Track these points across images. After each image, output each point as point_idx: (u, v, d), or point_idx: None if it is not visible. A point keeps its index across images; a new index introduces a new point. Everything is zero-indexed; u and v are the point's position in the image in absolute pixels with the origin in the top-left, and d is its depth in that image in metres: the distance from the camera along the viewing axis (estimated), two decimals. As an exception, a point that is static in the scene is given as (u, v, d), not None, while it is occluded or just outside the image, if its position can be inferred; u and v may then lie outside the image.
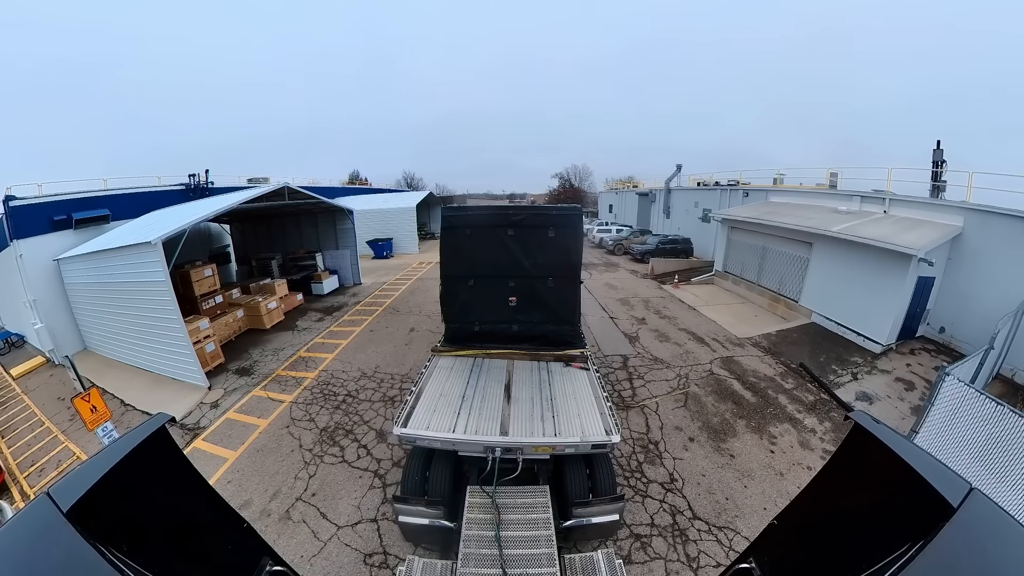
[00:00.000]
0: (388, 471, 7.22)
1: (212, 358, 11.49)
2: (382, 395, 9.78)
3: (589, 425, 5.52)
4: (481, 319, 7.76)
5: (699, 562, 5.50)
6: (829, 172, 19.65)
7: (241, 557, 3.17)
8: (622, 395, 9.62)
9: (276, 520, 6.27)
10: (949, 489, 1.83)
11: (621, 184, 48.51)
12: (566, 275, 7.53)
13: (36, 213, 12.97)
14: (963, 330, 11.75)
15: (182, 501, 2.94)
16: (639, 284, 20.53)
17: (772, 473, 7.13)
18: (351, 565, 5.51)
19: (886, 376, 10.67)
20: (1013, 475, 5.49)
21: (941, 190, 14.50)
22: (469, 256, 7.57)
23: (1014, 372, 10.21)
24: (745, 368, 11.02)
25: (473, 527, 4.73)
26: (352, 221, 20.29)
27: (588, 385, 6.56)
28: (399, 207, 32.39)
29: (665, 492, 6.71)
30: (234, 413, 9.35)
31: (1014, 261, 10.58)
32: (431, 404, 6.01)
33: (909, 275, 11.28)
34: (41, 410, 10.14)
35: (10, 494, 7.38)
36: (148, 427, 2.52)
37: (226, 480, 7.16)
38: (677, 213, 30.69)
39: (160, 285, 10.22)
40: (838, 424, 8.44)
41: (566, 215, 7.49)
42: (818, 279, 14.31)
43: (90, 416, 6.38)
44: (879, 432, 2.33)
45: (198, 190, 20.02)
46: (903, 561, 1.68)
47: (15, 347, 14.65)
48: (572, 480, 5.44)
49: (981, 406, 5.95)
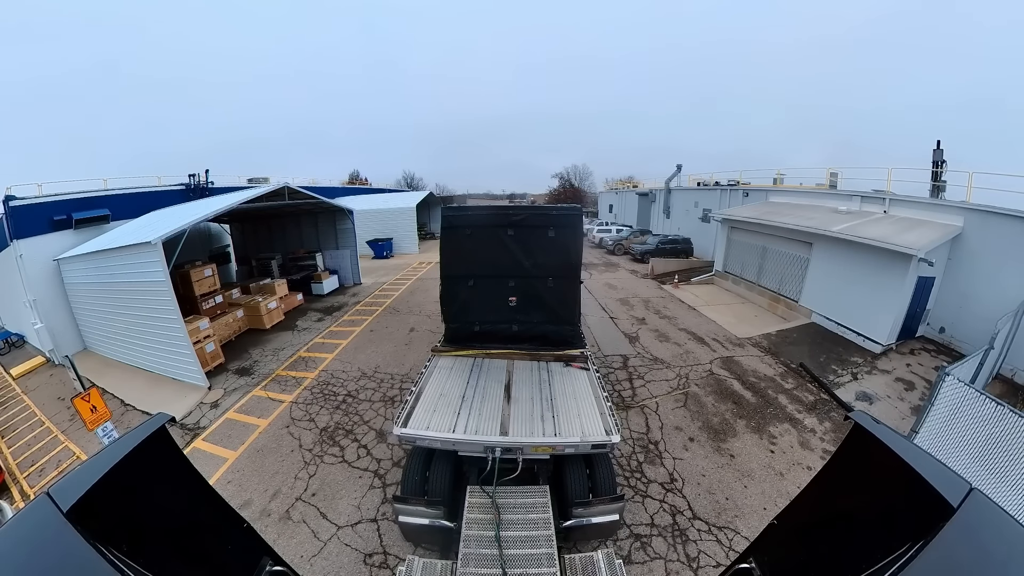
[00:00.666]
0: (388, 471, 7.22)
1: (212, 358, 11.49)
2: (382, 395, 9.78)
3: (589, 425, 5.52)
4: (481, 319, 7.76)
5: (699, 562, 5.50)
6: (829, 172, 19.65)
7: (241, 557, 3.17)
8: (622, 395, 9.62)
9: (276, 520, 6.27)
10: (949, 489, 1.82)
11: (621, 184, 48.52)
12: (566, 275, 7.54)
13: (36, 213, 12.98)
14: (963, 330, 11.75)
15: (182, 501, 2.93)
16: (639, 284, 20.53)
17: (772, 473, 7.13)
18: (351, 565, 5.51)
19: (886, 376, 10.67)
20: (1013, 475, 5.49)
21: (941, 190, 14.49)
22: (469, 256, 7.57)
23: (1014, 372, 10.21)
24: (745, 368, 11.02)
25: (473, 527, 4.73)
26: (352, 221, 20.30)
27: (588, 385, 6.56)
28: (399, 207, 32.38)
29: (665, 492, 6.71)
30: (234, 413, 9.35)
31: (1014, 261, 10.57)
32: (431, 404, 6.01)
33: (909, 275, 11.27)
34: (41, 410, 10.14)
35: (10, 494, 7.38)
36: (148, 427, 2.52)
37: (226, 480, 7.17)
38: (677, 213, 30.70)
39: (160, 285, 10.22)
40: (838, 424, 8.44)
41: (566, 215, 7.49)
42: (818, 279, 14.31)
43: (90, 416, 6.38)
44: (879, 432, 2.33)
45: (198, 190, 20.03)
46: (903, 561, 1.68)
47: (15, 347, 14.66)
48: (572, 480, 5.44)
49: (981, 406, 5.94)
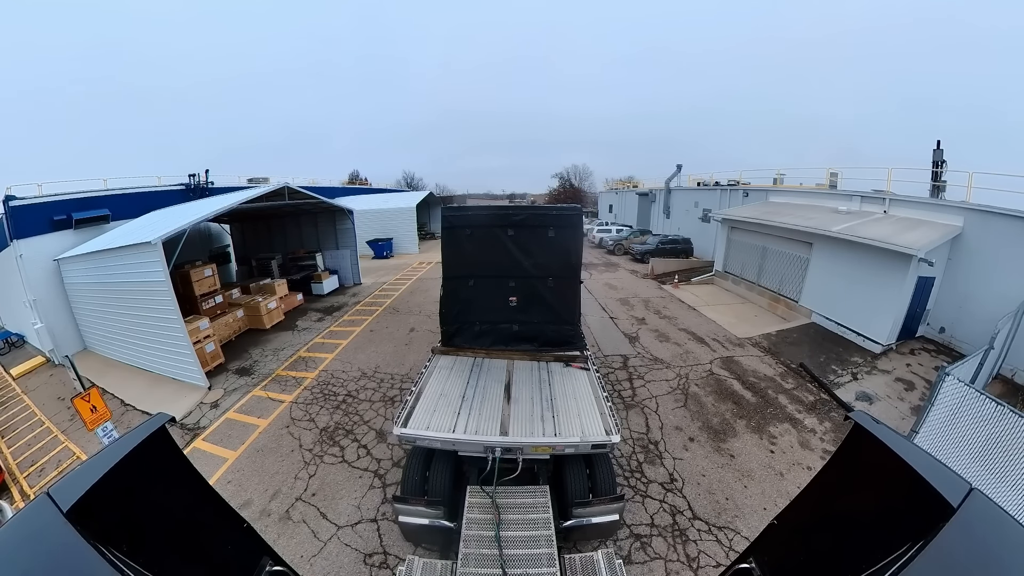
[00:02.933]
0: (388, 471, 7.21)
1: (212, 358, 11.49)
2: (382, 395, 9.78)
3: (589, 425, 5.51)
4: (481, 319, 7.75)
5: (699, 562, 5.50)
6: (829, 172, 19.63)
7: (241, 557, 3.17)
8: (622, 395, 9.62)
9: (276, 520, 6.27)
10: (949, 489, 1.82)
11: (621, 184, 48.50)
12: (566, 275, 7.53)
13: (36, 213, 12.97)
14: (963, 330, 11.74)
15: (182, 501, 2.93)
16: (639, 284, 20.53)
17: (772, 473, 7.13)
18: (351, 565, 5.51)
19: (886, 376, 10.67)
20: (1013, 475, 5.49)
21: (941, 190, 14.48)
22: (469, 256, 7.56)
23: (1014, 372, 10.21)
24: (745, 368, 11.02)
25: (473, 527, 4.73)
26: (352, 221, 20.29)
27: (588, 385, 6.56)
28: (399, 207, 32.37)
29: (665, 492, 6.71)
30: (234, 413, 9.34)
31: (1014, 261, 10.56)
32: (431, 404, 6.01)
33: (909, 275, 11.27)
34: (41, 410, 10.14)
35: (10, 494, 7.38)
36: (148, 427, 2.52)
37: (226, 480, 7.17)
38: (677, 213, 30.68)
39: (160, 285, 10.22)
40: (838, 424, 8.44)
41: (566, 215, 7.49)
42: (818, 279, 14.30)
43: (90, 416, 6.38)
44: (879, 432, 2.33)
45: (198, 190, 20.02)
46: (903, 561, 1.67)
47: (15, 347, 14.66)
48: (572, 480, 5.44)
49: (981, 406, 5.94)
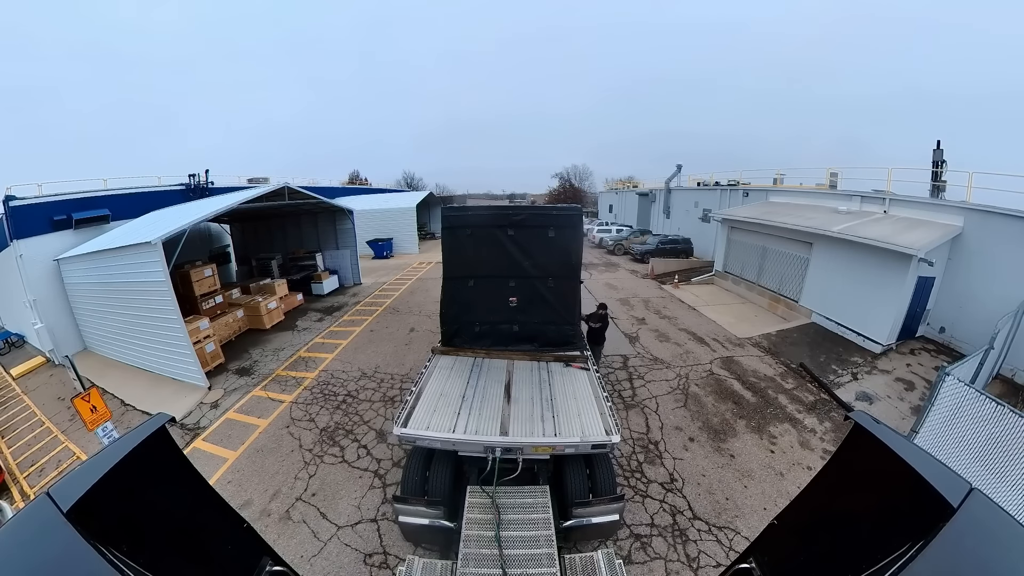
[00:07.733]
0: (388, 471, 7.21)
1: (212, 358, 11.49)
2: (382, 395, 9.78)
3: (589, 425, 5.51)
4: (481, 319, 7.74)
5: (699, 562, 5.50)
6: (829, 172, 19.63)
7: (241, 557, 3.17)
8: (622, 395, 9.62)
9: (276, 520, 6.27)
10: (949, 489, 1.83)
11: (621, 184, 48.50)
12: (566, 275, 7.53)
13: (36, 213, 12.96)
14: (963, 330, 11.74)
15: (182, 501, 2.94)
16: (639, 284, 20.52)
17: (772, 473, 7.13)
18: (351, 565, 5.51)
19: (886, 376, 10.67)
20: (1013, 475, 5.49)
21: (941, 190, 14.46)
22: (470, 256, 7.56)
23: (1014, 372, 10.20)
24: (745, 368, 11.02)
25: (473, 527, 4.72)
26: (352, 221, 20.28)
27: (588, 385, 6.55)
28: (399, 207, 32.34)
29: (665, 492, 6.71)
30: (234, 413, 9.34)
31: (1014, 261, 10.56)
32: (431, 404, 6.01)
33: (909, 275, 11.27)
34: (41, 410, 10.14)
35: (10, 494, 7.38)
36: (148, 427, 2.53)
37: (226, 480, 7.16)
38: (677, 213, 30.68)
39: (160, 285, 10.21)
40: (838, 424, 8.44)
41: (566, 215, 7.49)
42: (818, 279, 14.30)
43: (90, 416, 6.38)
44: (879, 432, 2.33)
45: (198, 190, 20.00)
46: (903, 561, 1.68)
47: (15, 347, 14.65)
48: (572, 480, 5.43)
49: (981, 406, 5.94)
